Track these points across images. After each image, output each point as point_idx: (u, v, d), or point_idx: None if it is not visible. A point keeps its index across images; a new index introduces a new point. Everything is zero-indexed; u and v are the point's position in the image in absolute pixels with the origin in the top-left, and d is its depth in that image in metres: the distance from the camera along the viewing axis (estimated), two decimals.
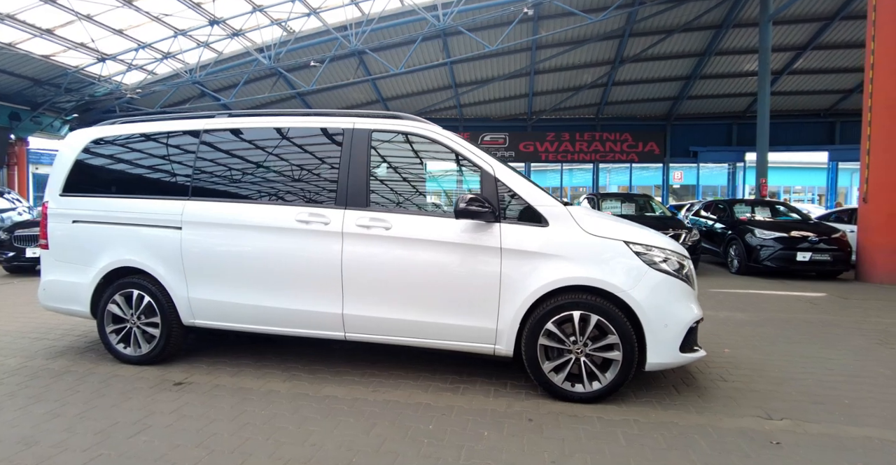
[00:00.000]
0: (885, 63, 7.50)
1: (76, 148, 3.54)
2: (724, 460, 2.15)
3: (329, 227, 2.99)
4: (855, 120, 18.81)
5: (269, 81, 15.94)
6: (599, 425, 2.50)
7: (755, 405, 2.75)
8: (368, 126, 3.11)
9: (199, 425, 2.45)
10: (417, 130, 3.07)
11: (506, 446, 2.27)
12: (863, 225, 7.94)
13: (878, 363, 3.54)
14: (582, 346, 2.73)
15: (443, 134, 3.04)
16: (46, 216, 3.51)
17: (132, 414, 2.57)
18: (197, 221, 3.18)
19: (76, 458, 2.12)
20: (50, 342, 3.90)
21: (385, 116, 3.19)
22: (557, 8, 12.99)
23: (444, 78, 17.38)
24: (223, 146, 3.33)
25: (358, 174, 3.04)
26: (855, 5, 13.46)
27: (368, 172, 3.04)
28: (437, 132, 3.05)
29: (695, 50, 16.02)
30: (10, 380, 3.06)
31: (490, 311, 2.83)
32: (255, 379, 3.10)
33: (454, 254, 2.86)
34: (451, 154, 3.04)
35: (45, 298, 3.56)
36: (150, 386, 2.96)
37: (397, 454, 2.19)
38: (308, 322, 3.08)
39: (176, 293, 3.22)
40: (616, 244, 2.77)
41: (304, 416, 2.57)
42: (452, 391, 2.93)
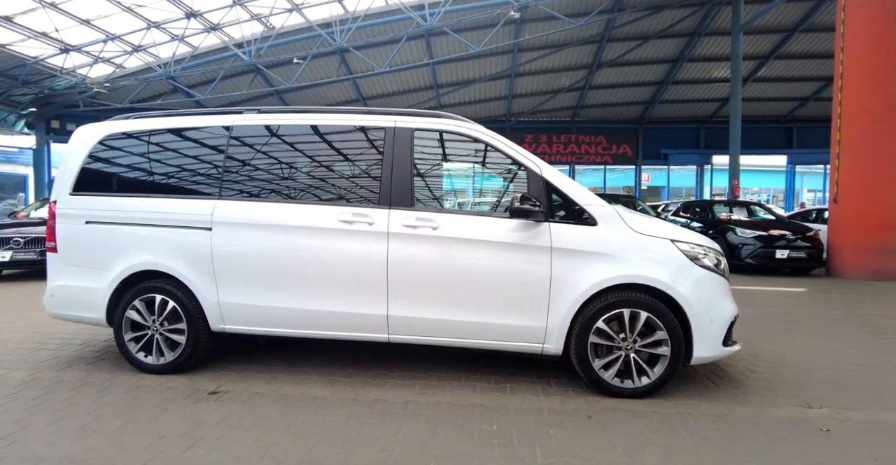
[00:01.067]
0: (853, 73, 8.04)
1: (87, 144, 3.32)
2: (784, 448, 2.25)
3: (374, 227, 2.92)
4: (811, 126, 20.18)
5: (247, 77, 15.42)
6: (656, 419, 2.55)
7: (792, 395, 2.89)
8: (410, 125, 3.06)
9: (253, 435, 2.34)
10: (460, 128, 3.05)
11: (576, 443, 2.29)
12: (833, 224, 8.48)
13: (881, 353, 3.78)
14: (631, 343, 2.79)
15: (487, 133, 3.04)
16: (54, 217, 3.26)
17: (176, 426, 2.42)
18: (229, 221, 3.03)
19: None
20: (52, 352, 3.63)
21: (424, 114, 3.14)
22: (541, 12, 13.21)
23: (425, 78, 17.34)
24: (255, 143, 3.19)
25: (402, 173, 2.98)
26: (814, 19, 14.36)
27: (412, 172, 3.00)
28: (481, 131, 3.04)
29: (668, 56, 16.65)
30: (24, 394, 2.82)
31: (539, 310, 2.84)
32: (293, 385, 2.99)
33: (504, 254, 2.86)
34: (495, 153, 3.03)
35: (53, 305, 3.31)
36: (183, 396, 2.80)
37: (473, 456, 2.17)
38: (351, 325, 2.99)
39: (204, 298, 3.06)
40: (663, 242, 2.84)
41: (361, 421, 2.50)
42: (501, 391, 2.92)
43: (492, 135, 3.03)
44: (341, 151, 3.19)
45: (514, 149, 3.00)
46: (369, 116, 3.13)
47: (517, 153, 2.98)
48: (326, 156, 3.19)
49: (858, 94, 7.95)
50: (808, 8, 13.93)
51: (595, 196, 2.95)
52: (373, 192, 3.01)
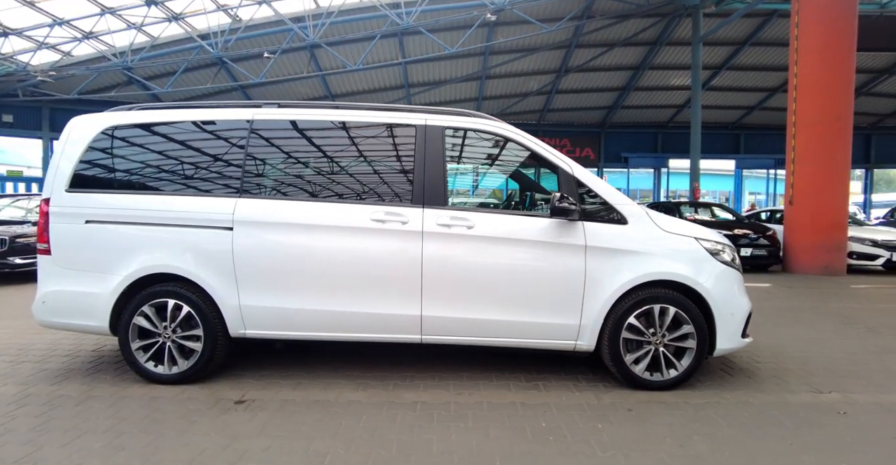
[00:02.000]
0: (807, 85, 8.72)
1: (86, 136, 3.04)
2: (813, 431, 2.40)
3: (407, 226, 2.87)
4: (756, 133, 21.72)
5: (211, 70, 14.67)
6: (690, 409, 2.66)
7: (801, 382, 3.09)
8: (441, 123, 3.03)
9: (300, 444, 2.23)
10: (492, 128, 3.05)
11: (626, 435, 2.34)
12: (789, 225, 9.17)
13: (857, 341, 4.12)
14: (660, 337, 2.89)
15: (518, 132, 3.06)
16: (47, 215, 2.97)
17: (213, 439, 2.27)
18: (253, 220, 2.88)
19: None
20: (36, 365, 3.30)
21: (453, 112, 3.12)
22: (514, 15, 13.44)
23: (397, 77, 17.20)
24: (278, 139, 3.05)
25: (435, 172, 2.95)
26: (762, 34, 15.48)
27: (445, 170, 2.97)
28: (512, 131, 3.06)
29: (631, 63, 17.40)
30: (23, 412, 2.55)
31: (573, 308, 2.89)
32: (322, 391, 2.88)
33: (539, 252, 2.89)
34: (526, 153, 3.06)
35: (45, 312, 3.01)
36: (207, 407, 2.63)
37: (535, 453, 2.17)
38: (382, 326, 2.92)
39: (224, 301, 2.89)
40: (689, 240, 2.97)
41: (408, 424, 2.45)
42: (535, 389, 2.95)
43: (523, 134, 3.06)
44: (370, 148, 3.10)
45: (545, 149, 3.03)
46: (398, 114, 3.07)
47: (549, 153, 3.02)
48: (354, 153, 3.10)
49: (811, 104, 8.63)
50: (758, 23, 15.00)
51: (624, 195, 3.03)
52: (405, 190, 2.96)
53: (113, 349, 3.67)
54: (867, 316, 5.14)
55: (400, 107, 3.11)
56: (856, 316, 5.13)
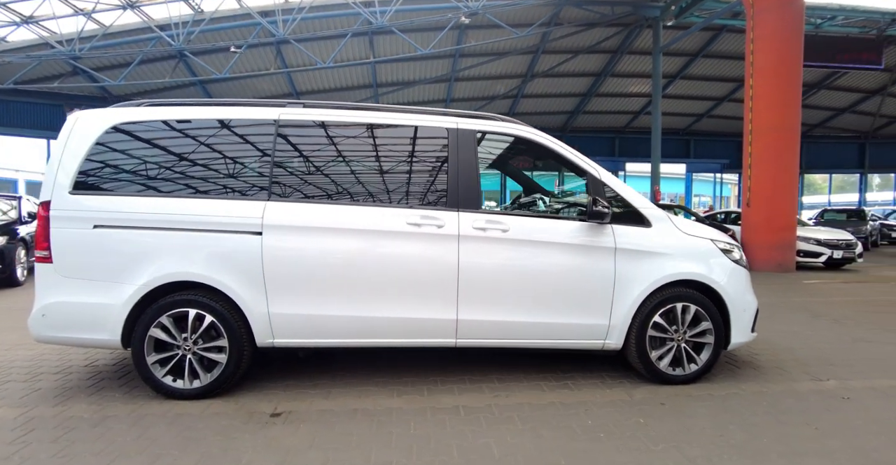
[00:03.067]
0: (761, 97, 9.44)
1: (91, 134, 2.80)
2: (827, 416, 2.62)
3: (443, 230, 2.86)
4: (705, 139, 23.21)
5: (168, 64, 13.79)
6: (716, 400, 2.83)
7: (799, 371, 3.36)
8: (472, 127, 3.05)
9: (358, 456, 2.18)
10: (522, 132, 3.10)
11: (669, 427, 2.46)
12: (746, 225, 9.88)
13: (830, 332, 4.52)
14: (682, 334, 3.05)
15: (547, 137, 3.12)
16: (47, 220, 2.71)
17: (264, 456, 2.17)
18: (284, 224, 2.76)
19: None
20: (25, 385, 3.00)
21: (480, 116, 3.14)
22: (485, 19, 13.61)
23: (365, 76, 16.94)
24: (306, 140, 2.94)
25: (468, 175, 2.95)
26: (712, 47, 16.57)
27: (478, 174, 2.98)
28: (540, 135, 3.12)
29: (593, 70, 18.10)
30: (33, 437, 2.31)
31: (603, 308, 2.99)
32: (357, 399, 2.81)
33: (571, 255, 2.96)
34: (556, 157, 3.13)
35: (44, 326, 2.74)
36: (242, 422, 2.50)
37: (593, 451, 2.23)
38: (417, 331, 2.89)
39: (251, 310, 2.75)
40: (706, 242, 3.15)
41: (458, 429, 2.44)
42: (567, 388, 3.02)
43: (552, 139, 3.13)
44: (401, 151, 3.06)
45: (573, 153, 3.12)
46: (429, 117, 3.05)
47: (577, 158, 3.11)
48: (385, 156, 3.04)
49: (766, 114, 9.36)
50: (709, 37, 16.05)
51: (646, 199, 3.17)
52: (439, 194, 2.94)
53: (108, 364, 3.40)
54: (827, 309, 5.64)
55: (428, 109, 3.09)
56: (819, 309, 5.62)
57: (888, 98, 20.19)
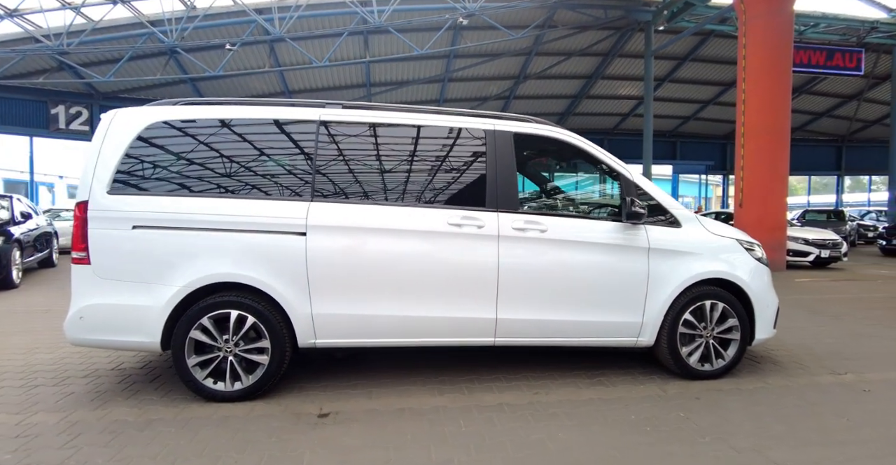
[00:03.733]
0: (753, 100, 9.73)
1: (129, 133, 2.76)
2: (854, 407, 2.75)
3: (483, 230, 2.90)
4: (690, 141, 23.73)
5: (157, 61, 13.48)
6: (746, 395, 2.93)
7: (817, 366, 3.50)
8: (510, 129, 3.09)
9: (419, 454, 2.20)
10: (558, 135, 3.16)
11: (710, 421, 2.54)
12: (739, 225, 10.14)
13: (832, 328, 4.71)
14: (710, 331, 3.15)
15: (582, 140, 3.19)
16: (85, 221, 2.66)
17: (325, 456, 2.18)
18: (328, 225, 2.76)
19: None
20: (56, 389, 2.93)
21: (516, 118, 3.19)
22: (481, 21, 13.69)
23: (358, 75, 16.85)
24: (347, 141, 2.94)
25: (506, 176, 3.00)
26: (700, 51, 16.98)
27: (516, 174, 3.03)
28: (575, 138, 3.18)
29: (585, 73, 18.35)
30: (84, 441, 2.28)
31: (637, 306, 3.07)
32: (400, 398, 2.83)
33: (607, 254, 3.03)
34: (589, 159, 3.20)
35: (81, 329, 2.68)
36: (291, 423, 2.50)
37: (645, 443, 2.30)
38: (457, 330, 2.93)
39: (294, 310, 2.75)
40: (731, 242, 3.26)
41: (510, 427, 2.49)
42: (602, 385, 3.09)
43: (586, 142, 3.19)
44: (441, 152, 3.08)
45: (607, 155, 3.19)
46: (467, 119, 3.08)
47: (610, 160, 3.18)
48: (425, 157, 3.06)
49: (758, 117, 9.65)
50: (697, 41, 16.43)
51: (676, 200, 3.27)
52: (478, 195, 2.98)
53: (135, 366, 3.35)
54: (823, 306, 5.86)
55: (465, 111, 3.13)
56: (815, 307, 5.83)
57: (864, 103, 20.96)
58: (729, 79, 19.18)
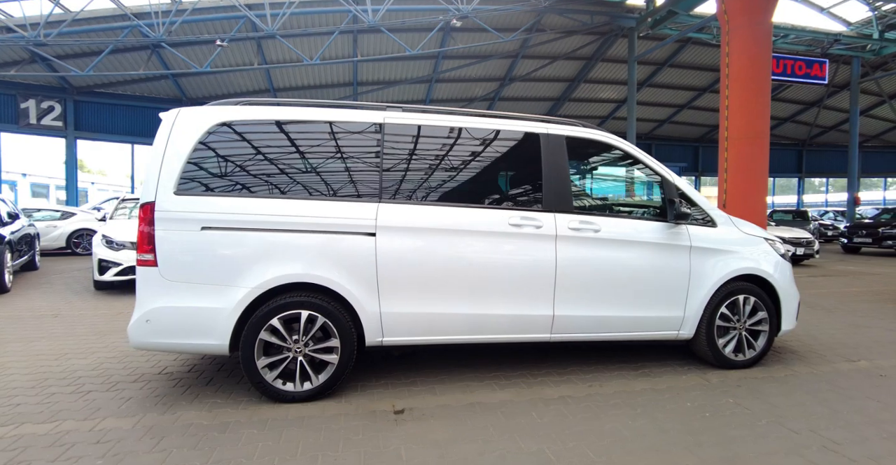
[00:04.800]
0: (736, 107, 10.25)
1: (194, 133, 2.73)
2: (876, 391, 3.01)
3: (542, 230, 3.02)
4: (665, 144, 24.63)
5: (139, 55, 12.96)
6: (781, 381, 3.16)
7: (833, 354, 3.79)
8: (561, 132, 3.22)
9: (509, 445, 2.30)
10: (606, 138, 3.32)
11: (758, 406, 2.75)
12: None
13: (829, 319, 5.08)
14: (743, 323, 3.38)
15: (627, 144, 3.35)
16: (152, 222, 2.62)
17: (419, 450, 2.25)
18: (396, 226, 2.82)
19: None
20: (110, 394, 2.88)
21: (564, 122, 3.32)
22: (472, 23, 13.84)
23: (346, 74, 16.71)
24: (408, 143, 3.00)
25: (560, 178, 3.13)
26: (677, 57, 17.68)
27: (569, 176, 3.16)
28: (622, 141, 3.34)
29: (568, 76, 18.79)
30: (171, 444, 2.27)
31: (679, 301, 3.26)
32: (465, 393, 2.92)
33: (654, 253, 3.21)
34: (634, 162, 3.37)
35: (148, 333, 2.64)
36: (371, 421, 2.55)
37: (711, 429, 2.47)
38: (517, 326, 3.04)
39: (364, 309, 2.79)
40: (760, 240, 3.50)
41: (581, 417, 2.61)
42: (650, 376, 3.26)
43: (632, 146, 3.36)
44: (499, 154, 3.18)
45: (651, 159, 3.37)
46: (521, 122, 3.20)
47: (654, 163, 3.36)
48: (485, 160, 3.15)
49: (739, 123, 10.18)
50: (675, 48, 17.12)
51: (710, 202, 3.48)
52: (535, 196, 3.09)
53: (181, 370, 3.30)
54: (814, 300, 6.28)
55: (515, 115, 3.24)
56: (807, 301, 6.24)
57: (823, 110, 22.33)
58: (703, 84, 20.09)
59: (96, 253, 6.13)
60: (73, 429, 2.40)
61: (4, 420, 2.49)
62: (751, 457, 2.19)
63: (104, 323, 4.61)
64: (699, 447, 2.29)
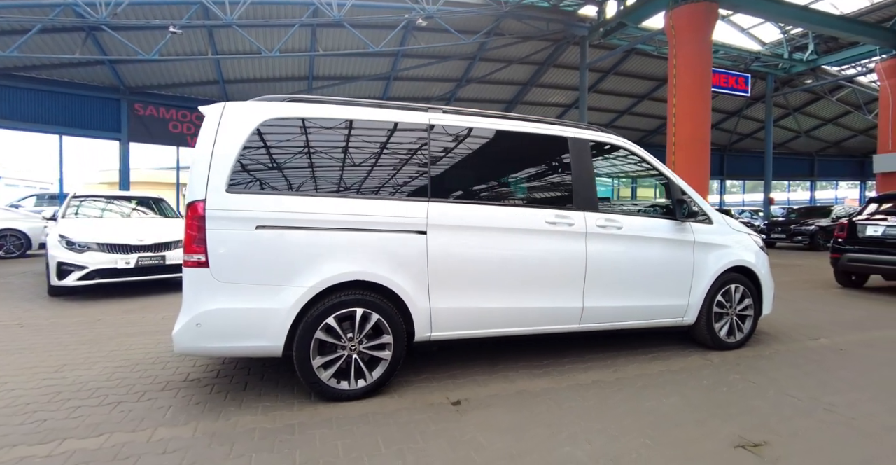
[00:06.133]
0: (682, 114, 11.25)
1: (244, 129, 2.65)
2: (847, 362, 3.55)
3: (573, 228, 3.24)
4: None
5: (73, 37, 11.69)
6: (768, 358, 3.62)
7: (798, 334, 4.37)
8: (587, 136, 3.47)
9: (574, 427, 2.48)
10: (622, 143, 3.61)
11: (760, 379, 3.15)
12: None
13: (783, 306, 5.80)
14: (734, 309, 3.83)
15: (639, 148, 3.67)
16: (202, 220, 2.51)
17: (494, 437, 2.37)
18: (445, 224, 2.91)
19: None
20: (148, 404, 2.72)
21: (583, 126, 3.57)
22: (435, 23, 13.97)
23: (301, 68, 16.17)
24: (451, 144, 3.09)
25: (586, 179, 3.37)
26: (621, 66, 18.93)
27: (594, 178, 3.41)
28: (635, 146, 3.65)
29: (521, 80, 19.46)
30: (242, 449, 2.21)
31: (684, 291, 3.63)
32: (506, 383, 3.07)
33: (666, 248, 3.55)
34: (644, 164, 3.69)
35: (199, 337, 2.53)
36: (434, 412, 2.63)
37: (730, 401, 2.81)
38: (551, 318, 3.24)
39: (415, 305, 2.86)
40: (746, 235, 3.97)
41: (620, 399, 2.86)
42: (662, 359, 3.59)
43: (643, 150, 3.68)
44: (533, 156, 3.35)
45: (658, 162, 3.71)
46: (552, 126, 3.39)
47: (660, 165, 3.70)
48: (520, 160, 3.31)
49: (686, 129, 11.18)
50: (620, 57, 18.32)
51: (706, 202, 3.89)
52: (566, 195, 3.31)
53: (209, 376, 3.17)
54: None
55: (545, 119, 3.43)
56: None
57: (742, 119, 24.89)
58: (642, 92, 21.64)
59: (54, 256, 5.56)
60: (128, 441, 2.26)
61: (41, 437, 2.29)
62: (777, 421, 2.54)
63: (87, 331, 4.24)
64: (731, 417, 2.61)
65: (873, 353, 3.82)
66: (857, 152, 30.62)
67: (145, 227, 6.20)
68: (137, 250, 5.80)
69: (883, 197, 7.33)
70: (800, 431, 2.45)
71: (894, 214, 6.70)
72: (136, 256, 5.75)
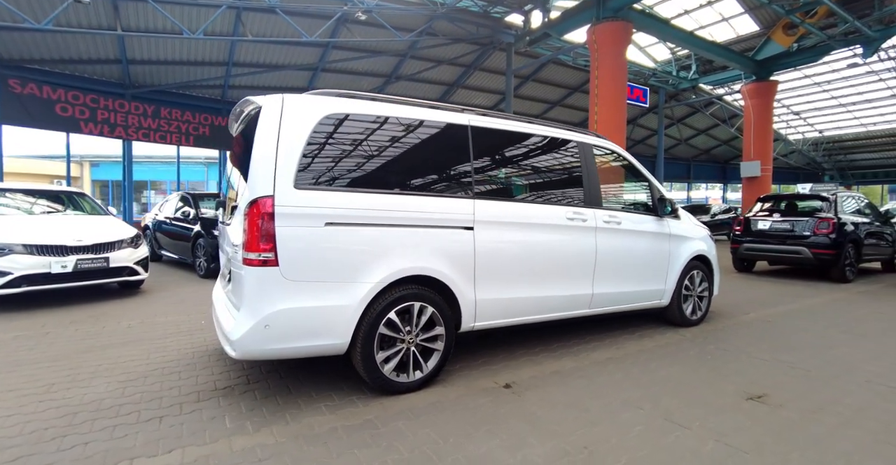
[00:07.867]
0: (603, 122, 12.51)
1: (306, 124, 2.58)
2: (777, 331, 4.43)
3: (586, 223, 3.64)
4: None
5: None
6: (724, 330, 4.38)
7: (732, 310, 5.27)
8: (589, 141, 3.88)
9: (619, 397, 2.84)
10: (615, 147, 4.09)
11: (728, 347, 3.83)
12: None
13: None
14: (696, 291, 4.55)
15: (627, 153, 4.18)
16: (271, 217, 2.41)
17: (562, 414, 2.64)
18: (489, 220, 3.10)
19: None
20: (185, 418, 2.55)
21: (585, 132, 3.98)
22: (371, 18, 13.77)
23: (219, 53, 14.83)
24: (487, 145, 3.26)
25: (593, 179, 3.78)
26: (539, 73, 20.30)
27: (598, 178, 3.84)
28: (624, 151, 4.16)
29: (448, 80, 19.91)
30: (337, 448, 2.22)
31: (663, 277, 4.24)
32: (537, 366, 3.36)
33: (652, 240, 4.11)
34: (631, 167, 4.21)
35: (267, 339, 2.43)
36: (495, 397, 2.82)
37: (722, 368, 3.41)
38: (568, 304, 3.60)
39: (464, 297, 3.02)
40: (703, 228, 4.72)
41: (639, 371, 3.30)
42: (648, 337, 4.14)
43: (630, 154, 4.19)
44: (552, 157, 3.65)
45: (640, 165, 4.26)
46: (565, 131, 3.75)
47: (643, 170, 4.26)
48: (544, 161, 3.59)
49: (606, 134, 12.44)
50: (539, 65, 19.64)
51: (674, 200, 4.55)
52: (578, 194, 3.68)
53: (237, 381, 3.01)
54: None
55: (557, 123, 3.77)
56: None
57: (637, 127, 28.13)
58: (555, 98, 23.37)
59: None
60: (209, 454, 2.13)
61: (101, 460, 2.05)
62: (763, 378, 3.16)
63: (46, 347, 3.66)
64: (727, 377, 3.18)
65: (790, 322, 4.80)
66: (720, 159, 36.23)
67: (81, 225, 5.40)
68: (76, 251, 5.06)
69: (766, 197, 8.99)
70: (781, 384, 3.08)
71: (777, 212, 8.28)
72: (75, 258, 5.01)
